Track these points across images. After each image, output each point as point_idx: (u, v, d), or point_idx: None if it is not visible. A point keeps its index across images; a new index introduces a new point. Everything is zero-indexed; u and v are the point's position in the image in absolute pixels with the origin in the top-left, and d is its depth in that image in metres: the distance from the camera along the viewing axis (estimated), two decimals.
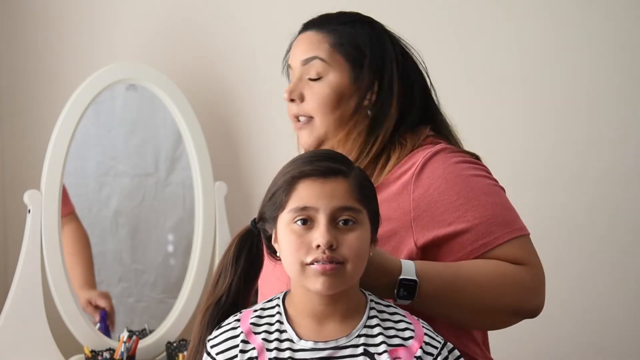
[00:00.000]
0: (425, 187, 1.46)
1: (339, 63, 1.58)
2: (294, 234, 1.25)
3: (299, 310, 1.28)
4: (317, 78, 1.58)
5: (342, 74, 1.57)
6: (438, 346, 1.28)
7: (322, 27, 1.61)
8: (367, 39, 1.59)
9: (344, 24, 1.61)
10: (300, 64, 1.60)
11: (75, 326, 2.33)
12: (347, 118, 1.58)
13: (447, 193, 1.46)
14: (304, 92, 1.59)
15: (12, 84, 2.69)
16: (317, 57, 1.58)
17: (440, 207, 1.46)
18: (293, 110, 1.62)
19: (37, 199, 2.28)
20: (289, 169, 1.29)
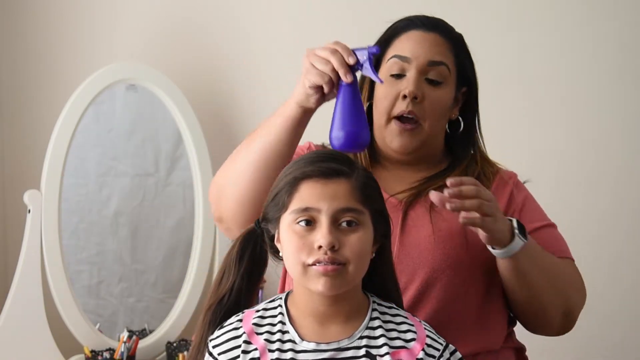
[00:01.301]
0: (523, 195, 1.62)
1: (454, 75, 1.59)
2: (296, 234, 1.24)
3: (302, 310, 1.28)
4: (438, 82, 1.56)
5: (453, 87, 1.59)
6: (440, 348, 1.28)
7: (446, 35, 1.60)
8: (470, 59, 1.63)
9: (460, 39, 1.62)
10: (427, 63, 1.56)
11: (75, 326, 2.33)
12: (441, 130, 1.62)
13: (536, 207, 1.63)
14: (424, 93, 1.55)
15: (13, 84, 2.69)
16: (445, 64, 1.57)
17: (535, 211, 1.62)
18: (404, 107, 1.55)
19: (37, 199, 2.28)
20: (292, 169, 1.29)
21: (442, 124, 1.60)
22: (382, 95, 1.58)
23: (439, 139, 1.62)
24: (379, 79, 1.42)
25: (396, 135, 1.56)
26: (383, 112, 1.57)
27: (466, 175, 1.57)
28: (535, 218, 1.59)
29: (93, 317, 2.50)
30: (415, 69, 1.55)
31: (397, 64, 1.57)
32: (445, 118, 1.60)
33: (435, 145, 1.62)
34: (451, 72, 1.58)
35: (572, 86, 2.56)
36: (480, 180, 1.53)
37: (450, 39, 1.59)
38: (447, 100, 1.58)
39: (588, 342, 2.49)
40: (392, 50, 1.60)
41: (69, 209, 2.49)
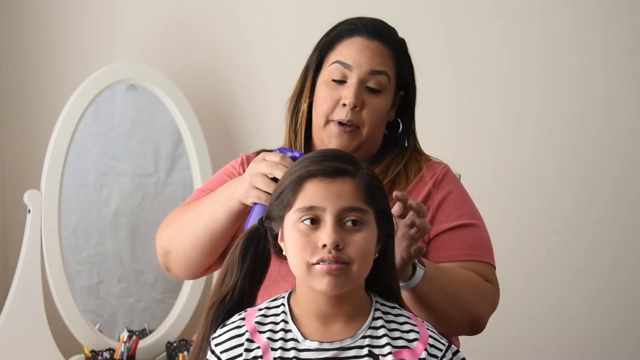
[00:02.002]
0: (444, 194, 1.61)
1: (393, 83, 1.64)
2: (301, 233, 1.24)
3: (304, 309, 1.28)
4: (378, 90, 1.62)
5: (391, 94, 1.65)
6: (442, 348, 1.28)
7: (390, 43, 1.65)
8: (410, 65, 1.68)
9: (401, 46, 1.67)
10: (368, 72, 1.61)
11: (75, 326, 2.33)
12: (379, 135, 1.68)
13: (459, 204, 1.62)
14: (364, 101, 1.61)
15: (13, 83, 2.69)
16: (385, 74, 1.62)
17: (455, 208, 1.61)
18: (343, 115, 1.61)
19: (37, 199, 2.28)
20: (297, 168, 1.29)
21: (380, 128, 1.66)
22: (322, 98, 1.64)
23: (376, 141, 1.68)
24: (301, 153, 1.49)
25: (334, 137, 1.63)
26: (322, 114, 1.63)
27: (387, 172, 1.63)
28: (452, 216, 1.60)
29: (93, 317, 2.50)
30: (356, 77, 1.60)
31: (339, 70, 1.62)
32: (384, 122, 1.66)
33: (372, 146, 1.67)
34: (391, 79, 1.63)
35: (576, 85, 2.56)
36: (399, 177, 1.61)
37: (392, 48, 1.64)
38: (386, 106, 1.64)
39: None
40: (335, 54, 1.65)
41: (69, 209, 2.49)
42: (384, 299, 1.34)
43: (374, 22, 1.68)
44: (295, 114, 1.71)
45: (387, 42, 1.64)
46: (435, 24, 2.62)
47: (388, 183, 1.61)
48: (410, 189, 1.61)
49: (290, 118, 1.72)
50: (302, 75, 1.73)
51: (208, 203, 1.58)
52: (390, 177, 1.62)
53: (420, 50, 1.73)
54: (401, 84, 1.66)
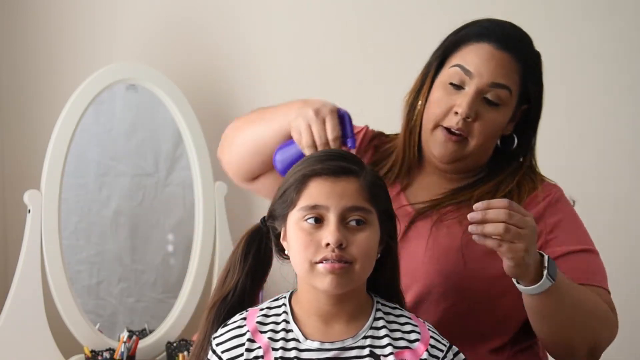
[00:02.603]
0: (560, 217, 1.53)
1: (514, 99, 1.54)
2: (304, 232, 1.25)
3: (306, 309, 1.28)
4: (496, 103, 1.51)
5: (511, 108, 1.55)
6: (444, 349, 1.28)
7: (520, 55, 1.52)
8: (539, 80, 1.57)
9: (533, 58, 1.56)
10: (489, 84, 1.50)
11: (75, 326, 2.33)
12: (489, 148, 1.58)
13: (575, 230, 1.55)
14: (479, 112, 1.51)
15: (13, 83, 2.69)
16: (507, 88, 1.51)
17: (570, 233, 1.53)
18: (454, 123, 1.52)
19: (37, 199, 2.28)
20: (301, 167, 1.29)
21: (491, 142, 1.56)
22: (435, 100, 1.55)
23: (485, 153, 1.58)
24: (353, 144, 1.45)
25: (440, 143, 1.54)
26: (432, 118, 1.54)
27: (497, 190, 1.54)
28: (567, 241, 1.51)
29: (93, 317, 2.49)
30: (475, 86, 1.50)
31: (459, 75, 1.52)
32: (496, 136, 1.56)
33: (480, 158, 1.58)
34: (513, 94, 1.52)
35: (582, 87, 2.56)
36: (510, 195, 1.51)
37: (521, 61, 1.52)
38: (502, 121, 1.54)
39: None
40: (458, 57, 1.54)
41: (69, 209, 2.48)
42: (386, 299, 1.34)
43: (507, 30, 1.56)
44: (411, 111, 1.61)
45: (517, 54, 1.52)
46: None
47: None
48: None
49: (406, 114, 1.62)
50: (423, 71, 1.62)
51: (280, 109, 1.57)
52: (501, 195, 1.53)
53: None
54: (525, 98, 1.56)
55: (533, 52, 1.57)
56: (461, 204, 1.53)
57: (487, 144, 1.55)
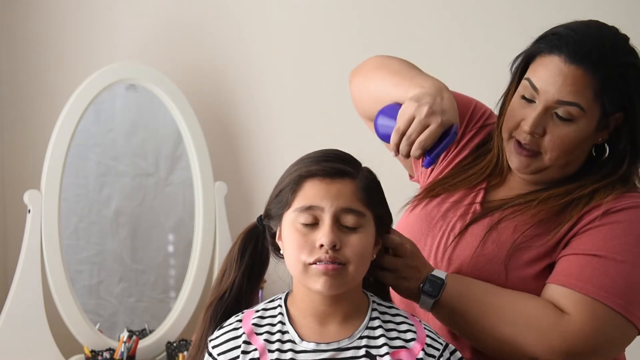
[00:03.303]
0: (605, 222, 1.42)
1: (594, 111, 1.43)
2: (298, 232, 1.24)
3: (301, 310, 1.28)
4: (567, 119, 1.43)
5: (592, 120, 1.44)
6: (440, 348, 1.28)
7: (594, 69, 1.41)
8: (633, 89, 1.44)
9: (617, 70, 1.43)
10: (555, 101, 1.42)
11: (75, 326, 2.33)
12: (578, 156, 1.48)
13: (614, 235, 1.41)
14: (547, 128, 1.44)
15: (13, 83, 2.69)
16: (576, 105, 1.42)
17: (596, 239, 1.41)
18: (522, 138, 1.46)
19: (37, 199, 2.28)
20: (297, 167, 1.29)
21: (572, 154, 1.47)
22: (510, 111, 1.50)
23: (571, 164, 1.49)
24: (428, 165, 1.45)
25: (514, 154, 1.49)
26: (507, 128, 1.50)
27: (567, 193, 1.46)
28: (582, 245, 1.41)
29: (93, 317, 2.50)
30: (542, 104, 1.43)
31: (528, 90, 1.46)
32: (576, 149, 1.46)
33: (564, 170, 1.49)
34: (587, 110, 1.42)
35: None
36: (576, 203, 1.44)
37: (597, 75, 1.41)
38: (579, 135, 1.44)
39: None
40: (531, 69, 1.47)
41: (69, 209, 2.49)
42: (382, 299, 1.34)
43: (584, 38, 1.44)
44: (500, 114, 1.55)
45: (592, 68, 1.41)
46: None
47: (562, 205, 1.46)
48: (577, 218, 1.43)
49: (498, 116, 1.56)
50: (511, 76, 1.55)
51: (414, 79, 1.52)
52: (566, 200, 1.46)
53: None
54: (614, 107, 1.43)
55: (618, 60, 1.44)
56: (527, 204, 1.48)
57: (568, 157, 1.47)
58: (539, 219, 1.45)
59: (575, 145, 1.45)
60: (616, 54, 1.43)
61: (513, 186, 1.54)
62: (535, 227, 1.44)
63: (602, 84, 1.41)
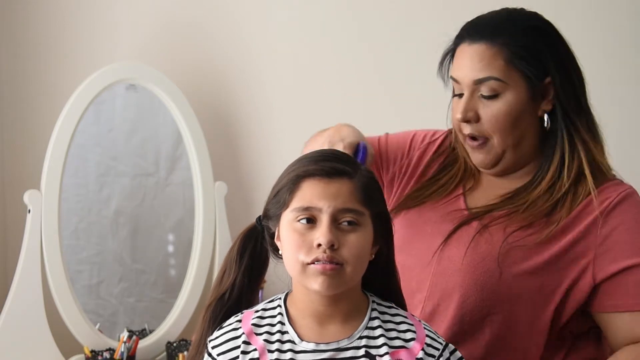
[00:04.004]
0: (614, 225, 1.43)
1: (514, 79, 1.46)
2: (296, 232, 1.25)
3: (301, 310, 1.28)
4: (492, 95, 1.46)
5: (519, 90, 1.46)
6: (440, 348, 1.28)
7: (494, 38, 1.46)
8: (544, 48, 1.47)
9: (517, 33, 1.46)
10: (472, 82, 1.47)
11: (75, 326, 2.33)
12: (527, 133, 1.50)
13: (634, 235, 1.42)
14: (479, 111, 1.47)
15: (13, 83, 2.69)
16: (492, 78, 1.46)
17: (625, 244, 1.42)
18: (466, 130, 1.50)
19: (37, 199, 2.28)
20: (295, 167, 1.29)
21: (519, 130, 1.48)
22: (451, 111, 1.55)
23: (521, 144, 1.50)
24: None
25: (471, 152, 1.53)
26: (454, 128, 1.55)
27: (551, 194, 1.46)
28: (620, 255, 1.41)
29: (93, 317, 2.50)
30: (465, 90, 1.48)
31: (455, 86, 1.52)
32: (521, 123, 1.47)
33: (521, 152, 1.51)
34: (506, 80, 1.45)
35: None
36: (564, 200, 1.44)
37: (497, 43, 1.45)
38: (511, 108, 1.46)
39: None
40: (452, 68, 1.54)
41: (69, 209, 2.49)
42: (381, 298, 1.34)
43: (479, 20, 1.51)
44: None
45: (490, 39, 1.45)
46: None
47: (549, 207, 1.47)
48: (572, 217, 1.44)
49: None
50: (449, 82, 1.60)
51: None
52: (554, 200, 1.46)
53: None
54: (539, 72, 1.45)
55: (517, 26, 1.48)
56: (515, 208, 1.49)
57: (513, 133, 1.48)
58: (529, 222, 1.46)
59: (514, 119, 1.46)
60: (514, 21, 1.49)
61: (488, 186, 1.57)
62: (525, 228, 1.46)
63: (509, 50, 1.44)
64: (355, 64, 2.67)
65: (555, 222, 1.44)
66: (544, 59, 1.47)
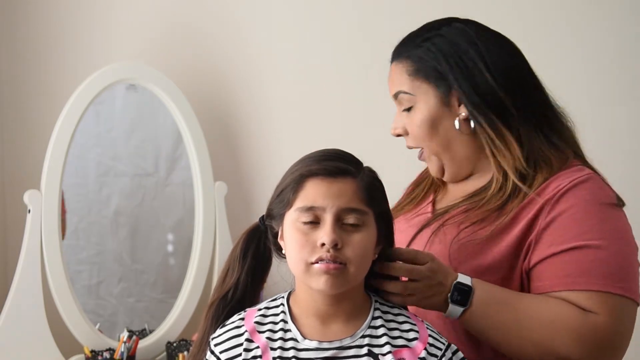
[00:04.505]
0: (560, 211, 1.43)
1: (421, 89, 1.53)
2: (300, 232, 1.25)
3: (304, 309, 1.28)
4: (408, 108, 1.55)
5: (428, 97, 1.53)
6: (442, 347, 1.28)
7: (399, 55, 1.58)
8: (438, 54, 1.52)
9: (415, 47, 1.55)
10: (393, 97, 1.59)
11: (75, 326, 2.33)
12: (453, 138, 1.53)
13: (581, 222, 1.42)
14: (405, 125, 1.56)
15: (13, 83, 2.69)
16: (400, 92, 1.56)
17: (566, 230, 1.42)
18: (406, 144, 1.60)
19: (37, 199, 2.28)
20: (298, 167, 1.29)
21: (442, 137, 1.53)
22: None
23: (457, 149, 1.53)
24: None
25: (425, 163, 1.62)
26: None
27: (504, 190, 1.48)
28: (559, 239, 1.41)
29: (93, 317, 2.50)
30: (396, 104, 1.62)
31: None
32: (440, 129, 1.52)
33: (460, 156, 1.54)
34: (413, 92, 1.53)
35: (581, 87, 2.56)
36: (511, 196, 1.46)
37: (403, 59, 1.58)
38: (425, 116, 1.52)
39: None
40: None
41: (69, 209, 2.48)
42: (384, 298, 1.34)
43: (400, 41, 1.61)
44: None
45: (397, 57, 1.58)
46: None
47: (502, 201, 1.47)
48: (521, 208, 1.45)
49: None
50: None
51: None
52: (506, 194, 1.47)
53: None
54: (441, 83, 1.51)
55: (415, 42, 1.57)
56: (471, 205, 1.51)
57: (437, 140, 1.53)
58: (480, 217, 1.47)
59: (430, 127, 1.52)
60: (417, 36, 1.57)
61: (453, 190, 1.61)
62: (478, 223, 1.47)
63: (410, 63, 1.55)
64: (355, 64, 2.67)
65: (505, 214, 1.46)
66: (443, 70, 1.51)
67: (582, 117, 1.59)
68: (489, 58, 1.50)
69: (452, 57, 1.51)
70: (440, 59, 1.52)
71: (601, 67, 2.54)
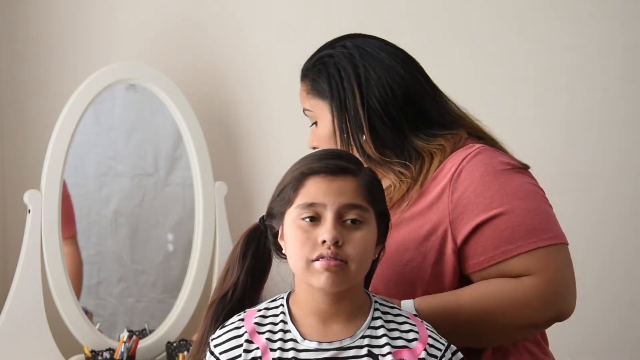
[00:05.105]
0: (462, 189, 1.47)
1: (318, 106, 1.64)
2: (301, 229, 1.25)
3: (303, 309, 1.28)
4: (314, 122, 1.67)
5: (324, 114, 1.63)
6: (442, 348, 1.28)
7: (302, 74, 1.70)
8: (324, 74, 1.64)
9: (312, 66, 1.68)
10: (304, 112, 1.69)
11: (75, 326, 2.33)
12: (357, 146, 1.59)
13: (482, 195, 1.46)
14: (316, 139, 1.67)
15: (13, 83, 2.69)
16: (305, 109, 1.68)
17: (474, 204, 1.46)
18: None
19: (37, 199, 2.28)
20: (299, 165, 1.30)
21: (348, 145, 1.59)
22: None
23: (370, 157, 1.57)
24: None
25: None
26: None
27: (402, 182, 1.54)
28: (474, 212, 1.45)
29: (93, 317, 2.50)
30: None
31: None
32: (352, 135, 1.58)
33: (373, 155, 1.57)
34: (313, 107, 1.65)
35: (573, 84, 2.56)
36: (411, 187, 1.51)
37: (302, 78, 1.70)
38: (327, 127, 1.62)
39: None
40: None
41: None
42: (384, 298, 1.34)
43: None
44: None
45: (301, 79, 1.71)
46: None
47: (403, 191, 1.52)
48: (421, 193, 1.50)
49: None
50: None
51: None
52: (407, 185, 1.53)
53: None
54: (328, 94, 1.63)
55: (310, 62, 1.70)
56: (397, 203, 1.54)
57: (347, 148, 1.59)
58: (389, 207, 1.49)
59: (332, 138, 1.61)
60: (312, 57, 1.70)
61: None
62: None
63: (307, 83, 1.67)
64: None
65: (406, 200, 1.50)
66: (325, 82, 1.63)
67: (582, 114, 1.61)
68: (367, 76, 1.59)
69: (332, 78, 1.62)
70: (324, 79, 1.64)
71: (602, 65, 2.55)
